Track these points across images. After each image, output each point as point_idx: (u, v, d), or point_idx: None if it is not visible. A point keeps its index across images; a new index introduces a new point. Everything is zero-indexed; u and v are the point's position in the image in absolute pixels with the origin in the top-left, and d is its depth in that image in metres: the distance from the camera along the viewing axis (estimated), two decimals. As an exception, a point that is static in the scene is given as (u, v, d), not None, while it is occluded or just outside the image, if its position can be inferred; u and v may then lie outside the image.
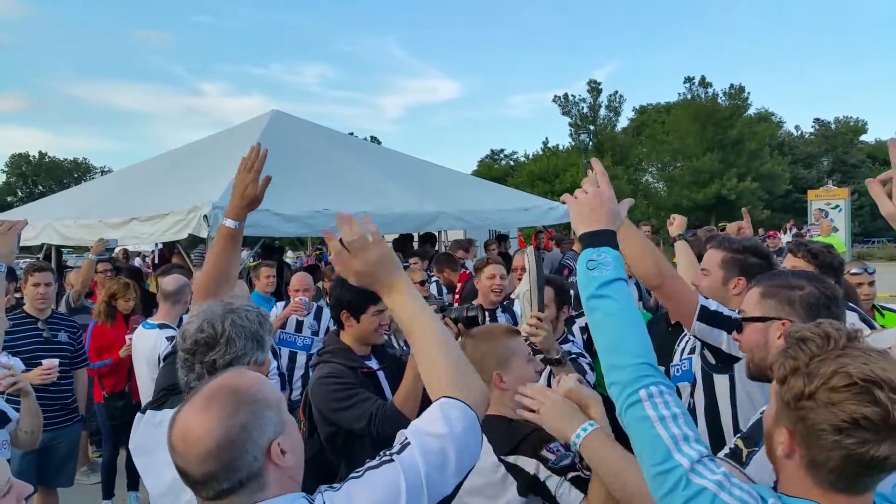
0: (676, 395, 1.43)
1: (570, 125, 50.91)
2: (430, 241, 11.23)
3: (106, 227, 7.46)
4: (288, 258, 15.72)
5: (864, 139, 53.60)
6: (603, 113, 50.81)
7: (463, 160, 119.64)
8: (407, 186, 9.66)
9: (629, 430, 1.41)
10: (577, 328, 4.25)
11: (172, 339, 2.76)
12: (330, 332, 3.17)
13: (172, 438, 1.32)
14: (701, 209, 41.99)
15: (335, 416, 2.75)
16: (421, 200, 9.30)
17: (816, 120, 56.01)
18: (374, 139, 57.07)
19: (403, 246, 11.02)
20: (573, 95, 51.04)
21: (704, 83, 45.34)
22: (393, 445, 1.41)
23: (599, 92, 50.55)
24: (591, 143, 48.88)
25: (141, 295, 6.47)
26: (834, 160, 50.90)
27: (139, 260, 16.46)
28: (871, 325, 3.08)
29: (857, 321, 2.96)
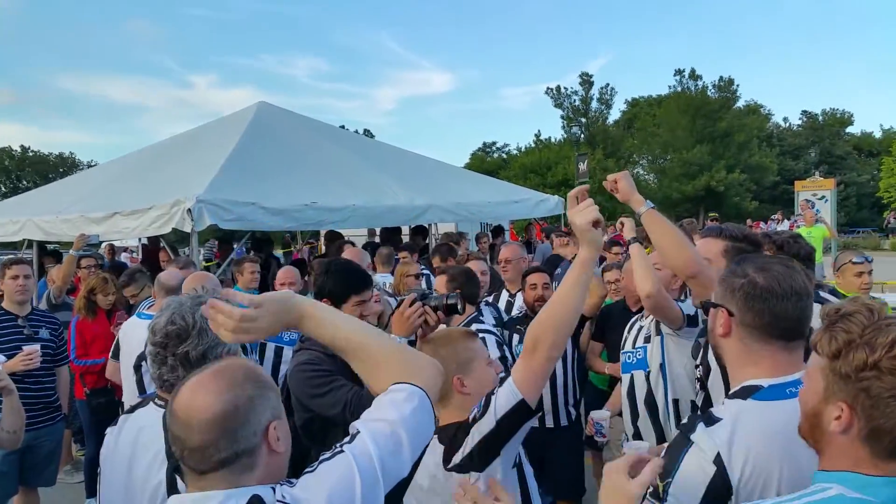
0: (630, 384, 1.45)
1: (562, 118, 51.03)
2: (421, 233, 11.15)
3: (88, 221, 7.33)
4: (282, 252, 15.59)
5: (850, 131, 54.03)
6: (595, 106, 50.98)
7: (456, 153, 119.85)
8: (397, 179, 9.58)
9: None
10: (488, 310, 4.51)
11: None
12: None
13: (175, 406, 1.34)
14: (690, 201, 42.19)
15: (311, 402, 2.79)
16: (411, 193, 9.22)
17: (804, 112, 56.45)
18: (367, 132, 56.91)
19: (392, 238, 10.94)
20: (565, 88, 51.15)
21: (694, 76, 45.52)
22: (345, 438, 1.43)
23: (591, 84, 50.65)
24: (582, 135, 48.98)
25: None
26: (821, 151, 51.22)
27: (126, 255, 16.30)
28: None
29: None
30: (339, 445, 1.39)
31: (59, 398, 4.83)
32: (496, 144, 64.18)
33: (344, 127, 20.73)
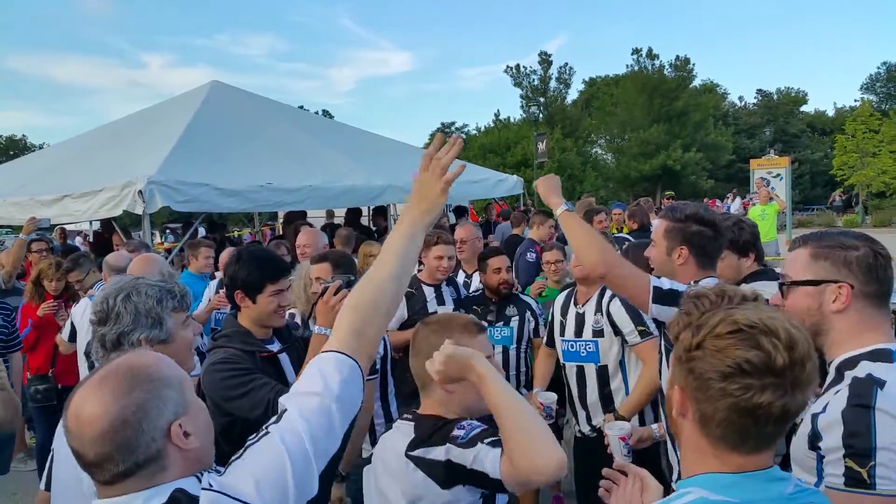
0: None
1: (521, 97, 51.05)
2: (382, 214, 11.14)
3: (38, 204, 7.17)
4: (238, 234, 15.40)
5: (804, 109, 55.05)
6: (553, 85, 51.02)
7: (415, 133, 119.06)
8: (355, 159, 9.54)
9: None
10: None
11: None
12: (227, 315, 2.92)
13: (67, 419, 1.25)
14: (648, 180, 42.69)
15: (229, 405, 2.49)
16: (370, 174, 9.20)
17: (759, 91, 57.20)
18: (325, 113, 56.13)
19: (353, 220, 10.91)
20: (525, 67, 51.10)
21: (651, 55, 45.76)
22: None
23: (550, 64, 50.66)
24: (541, 115, 49.05)
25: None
26: (776, 130, 52.10)
27: (80, 239, 15.93)
28: None
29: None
30: (265, 427, 1.32)
31: (12, 385, 4.73)
32: (455, 125, 64.00)
33: (303, 107, 20.46)
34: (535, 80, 50.73)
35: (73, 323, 4.83)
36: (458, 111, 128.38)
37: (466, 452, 1.79)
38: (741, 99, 58.28)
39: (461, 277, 5.30)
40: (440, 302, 4.44)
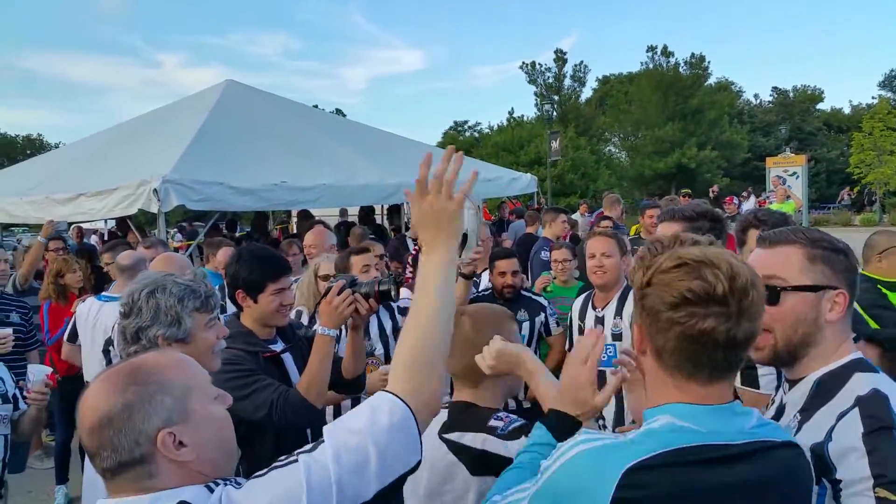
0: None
1: (535, 94, 50.92)
2: (396, 212, 11.13)
3: (53, 203, 7.21)
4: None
5: (820, 107, 54.49)
6: (568, 83, 50.90)
7: (428, 132, 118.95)
8: (369, 158, 9.52)
9: None
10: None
11: None
12: (230, 315, 2.89)
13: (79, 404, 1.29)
14: (662, 178, 42.40)
15: (233, 406, 2.51)
16: (383, 172, 9.17)
17: (774, 88, 56.71)
18: (338, 111, 56.26)
19: (367, 218, 10.90)
20: (540, 64, 50.99)
21: (666, 52, 45.51)
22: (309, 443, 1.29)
23: (565, 62, 50.51)
24: (555, 113, 48.96)
25: (95, 272, 6.28)
26: (791, 128, 51.67)
27: (95, 237, 16.04)
28: None
29: None
30: (297, 452, 1.25)
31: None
32: (468, 123, 63.89)
33: (317, 107, 20.48)
34: (549, 77, 50.61)
35: (74, 322, 4.75)
36: (470, 109, 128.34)
37: (509, 444, 1.81)
38: (756, 97, 57.75)
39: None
40: None
